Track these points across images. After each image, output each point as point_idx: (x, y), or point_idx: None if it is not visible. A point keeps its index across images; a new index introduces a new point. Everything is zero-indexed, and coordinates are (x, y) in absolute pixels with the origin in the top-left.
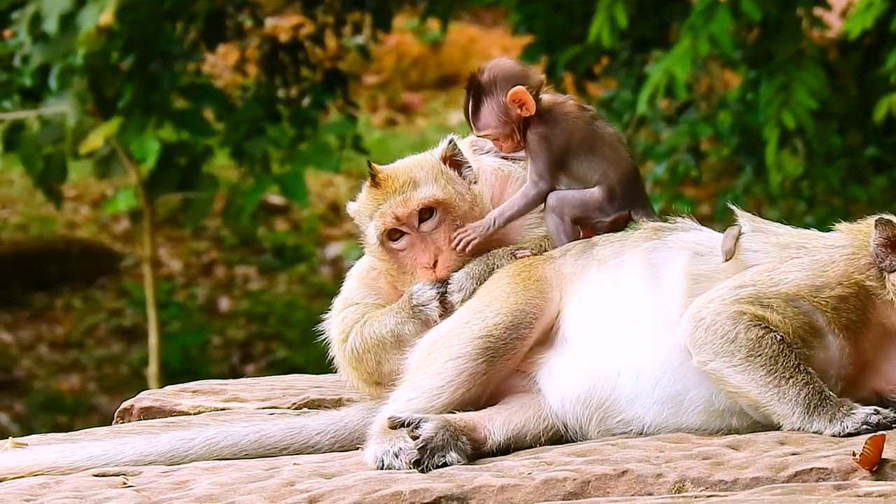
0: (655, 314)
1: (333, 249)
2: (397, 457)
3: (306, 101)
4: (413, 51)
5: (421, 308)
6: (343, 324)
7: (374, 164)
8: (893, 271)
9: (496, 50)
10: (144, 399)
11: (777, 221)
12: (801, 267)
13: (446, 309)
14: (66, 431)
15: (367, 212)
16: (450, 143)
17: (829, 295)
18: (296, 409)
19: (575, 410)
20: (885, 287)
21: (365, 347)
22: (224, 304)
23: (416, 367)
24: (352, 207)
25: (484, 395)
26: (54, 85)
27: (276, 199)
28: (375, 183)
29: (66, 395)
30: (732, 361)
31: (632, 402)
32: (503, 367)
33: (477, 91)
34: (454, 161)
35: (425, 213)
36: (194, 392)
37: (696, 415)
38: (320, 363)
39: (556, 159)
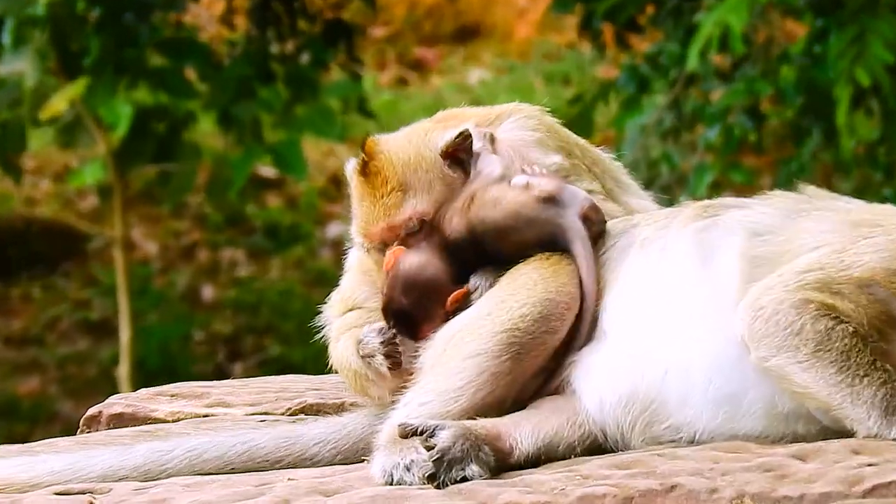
0: (707, 303)
1: (335, 229)
2: (409, 470)
3: (304, 58)
4: None
5: (368, 360)
6: (340, 328)
7: (371, 144)
8: None
9: None
10: (115, 404)
11: (848, 195)
12: (877, 248)
13: (396, 364)
14: (24, 442)
15: (353, 206)
16: (458, 136)
17: None
18: (291, 415)
19: (615, 415)
20: None
21: (343, 369)
22: (208, 292)
23: (431, 366)
24: (348, 170)
25: (509, 397)
26: (8, 40)
27: (268, 171)
28: (365, 172)
29: (24, 400)
30: (797, 357)
31: (681, 405)
32: (531, 366)
33: (413, 320)
34: (456, 156)
35: (414, 226)
36: (173, 396)
37: (756, 419)
38: (319, 362)
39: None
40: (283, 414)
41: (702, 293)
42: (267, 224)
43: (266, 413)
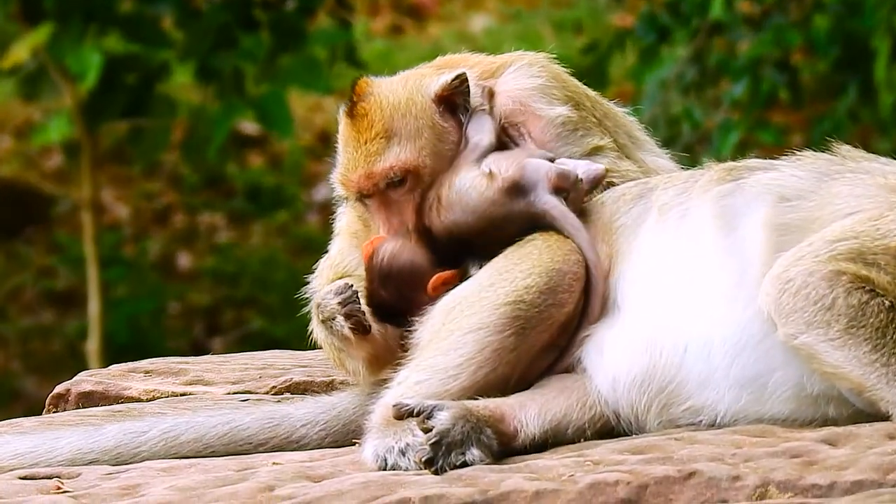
0: (731, 275)
1: (323, 192)
2: (404, 454)
3: (289, 4)
4: None
5: (329, 324)
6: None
7: (362, 84)
8: None
9: None
10: (84, 382)
11: (887, 156)
12: None
13: (359, 325)
14: None
15: (338, 151)
16: (454, 79)
17: None
18: (276, 394)
19: (630, 395)
20: None
21: (319, 342)
22: (184, 260)
23: (428, 342)
24: (339, 113)
25: (513, 376)
26: None
27: (250, 127)
28: (352, 114)
29: None
30: (829, 334)
31: (702, 385)
32: (537, 341)
33: (397, 312)
34: (451, 101)
35: (396, 177)
36: (147, 373)
37: (783, 401)
38: (305, 337)
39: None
40: (267, 393)
41: (724, 265)
42: (248, 186)
43: (249, 392)
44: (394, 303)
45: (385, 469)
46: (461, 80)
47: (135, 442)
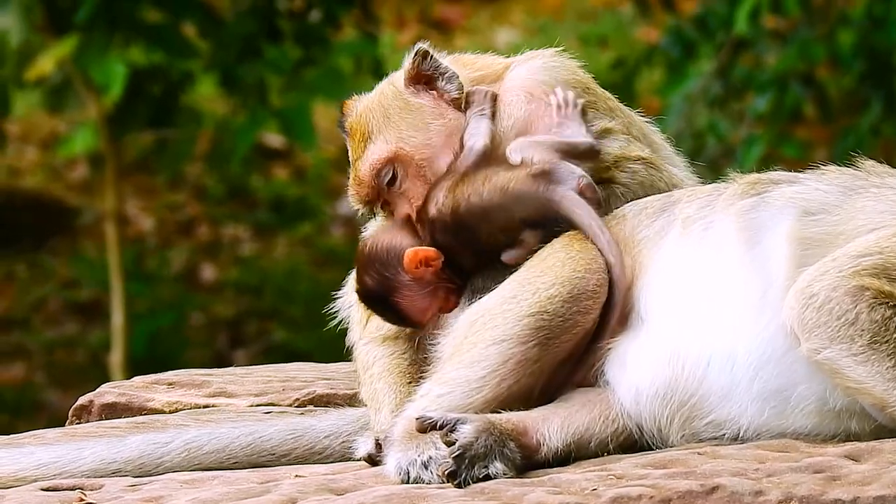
0: (754, 289)
1: (347, 204)
2: (427, 468)
3: (314, 15)
4: None
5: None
6: (370, 336)
7: (346, 104)
8: None
9: None
10: (107, 393)
11: None
12: None
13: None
14: (7, 434)
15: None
16: (415, 56)
17: None
18: (299, 406)
19: (652, 408)
20: None
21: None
22: (208, 272)
23: (451, 355)
24: None
25: (536, 387)
26: None
27: (274, 139)
28: (346, 133)
29: (7, 389)
30: (852, 349)
31: (724, 399)
32: (561, 351)
33: (378, 298)
34: (427, 76)
35: (385, 173)
36: (170, 384)
37: (806, 416)
38: (329, 349)
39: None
40: (290, 405)
41: (748, 279)
42: (272, 198)
43: (272, 404)
44: (376, 287)
45: (408, 482)
46: (422, 56)
47: (158, 452)
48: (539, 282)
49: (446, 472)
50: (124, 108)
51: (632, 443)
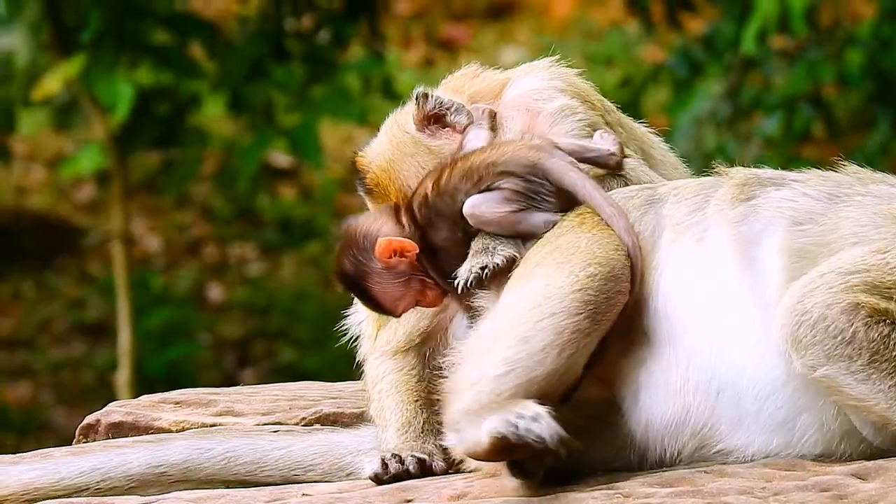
0: (754, 311)
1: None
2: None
3: (321, 35)
4: None
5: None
6: (381, 352)
7: (359, 162)
8: None
9: None
10: (113, 412)
11: None
12: None
13: None
14: (13, 453)
15: None
16: (418, 100)
17: None
18: (305, 425)
19: (663, 439)
20: None
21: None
22: (215, 292)
23: (487, 343)
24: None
25: (581, 366)
26: (3, 10)
27: (281, 159)
28: (367, 191)
29: (13, 408)
30: (851, 368)
31: (733, 429)
32: (603, 332)
33: (351, 282)
34: (437, 117)
35: None
36: (177, 403)
37: (812, 443)
38: (337, 369)
39: None
40: (297, 424)
41: (747, 300)
42: (280, 217)
43: (279, 423)
44: (351, 270)
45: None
46: (425, 98)
47: (201, 458)
48: (569, 266)
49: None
50: (131, 128)
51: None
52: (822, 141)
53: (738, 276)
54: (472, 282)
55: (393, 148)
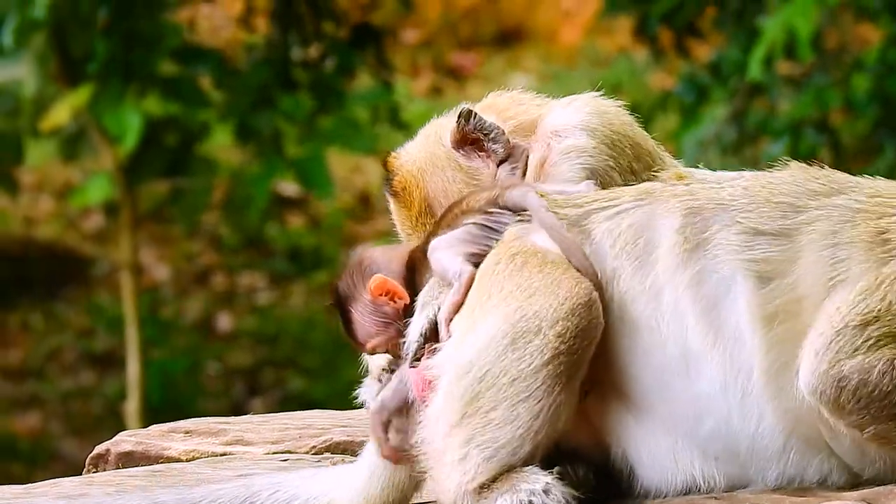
0: (737, 385)
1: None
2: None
3: (329, 64)
4: None
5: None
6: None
7: (391, 161)
8: None
9: None
10: (123, 442)
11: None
12: None
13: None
14: (23, 484)
15: (398, 229)
16: (459, 119)
17: None
18: (316, 454)
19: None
20: None
21: None
22: (224, 321)
23: (468, 414)
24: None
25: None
26: (8, 42)
27: (290, 188)
28: (393, 192)
29: (23, 438)
30: None
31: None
32: (579, 380)
33: (339, 300)
34: (474, 139)
35: None
36: (187, 433)
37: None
38: (346, 397)
39: None
40: (307, 453)
41: (725, 371)
42: (288, 247)
43: (289, 451)
44: (343, 289)
45: None
46: (466, 117)
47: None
48: (538, 316)
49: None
50: (139, 158)
51: None
52: (829, 165)
53: (710, 346)
54: (417, 353)
55: (426, 157)
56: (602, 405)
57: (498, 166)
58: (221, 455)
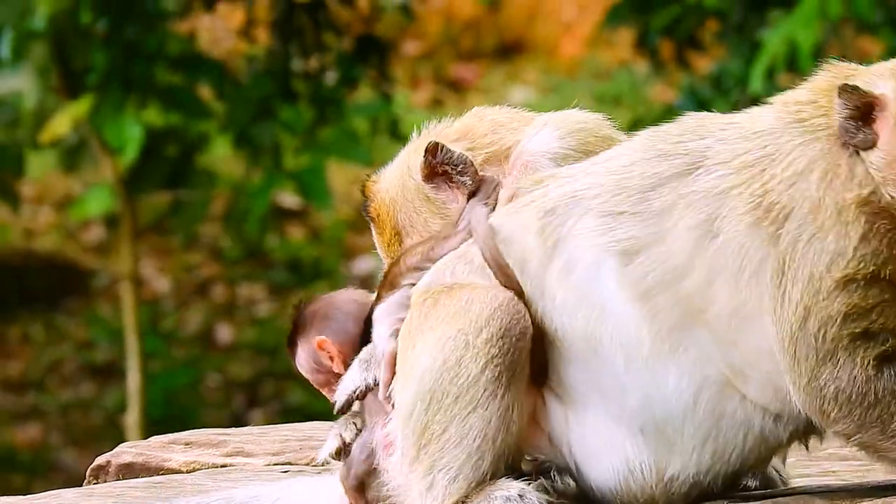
0: (628, 356)
1: (363, 264)
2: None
3: (329, 76)
4: (465, 12)
5: None
6: None
7: (367, 186)
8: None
9: (570, 12)
10: (124, 453)
11: None
12: (818, 252)
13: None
14: (23, 495)
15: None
16: (426, 154)
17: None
18: (316, 465)
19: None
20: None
21: None
22: (224, 333)
23: (426, 441)
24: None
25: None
26: (7, 54)
27: (290, 200)
28: (370, 217)
29: (23, 450)
30: (886, 431)
31: (670, 457)
32: (525, 376)
33: (295, 326)
34: (442, 171)
35: None
36: (187, 444)
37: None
38: None
39: None
40: (307, 464)
41: (622, 346)
42: (288, 258)
43: (289, 463)
44: (298, 322)
45: None
46: (433, 153)
47: None
48: (462, 335)
49: None
50: (139, 170)
51: None
52: None
53: (596, 325)
54: (343, 407)
55: (398, 186)
56: (545, 409)
57: (468, 199)
58: (222, 467)
